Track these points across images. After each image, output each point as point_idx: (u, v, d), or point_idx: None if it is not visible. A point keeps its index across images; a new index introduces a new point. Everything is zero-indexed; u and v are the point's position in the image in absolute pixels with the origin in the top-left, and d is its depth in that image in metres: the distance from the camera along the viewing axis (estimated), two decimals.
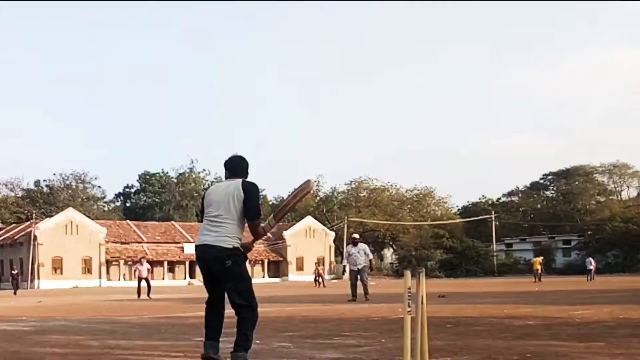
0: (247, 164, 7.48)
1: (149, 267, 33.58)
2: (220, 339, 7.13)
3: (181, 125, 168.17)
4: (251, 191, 7.18)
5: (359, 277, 22.67)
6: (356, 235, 25.88)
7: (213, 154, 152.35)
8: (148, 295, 29.88)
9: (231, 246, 7.00)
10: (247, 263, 7.44)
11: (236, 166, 7.43)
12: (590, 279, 51.22)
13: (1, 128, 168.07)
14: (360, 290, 22.48)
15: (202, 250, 7.14)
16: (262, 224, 7.22)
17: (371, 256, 24.06)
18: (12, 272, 52.86)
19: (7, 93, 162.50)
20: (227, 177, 7.40)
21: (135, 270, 33.70)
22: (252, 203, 7.19)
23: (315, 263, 71.24)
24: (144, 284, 30.94)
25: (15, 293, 45.82)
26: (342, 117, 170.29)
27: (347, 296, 22.49)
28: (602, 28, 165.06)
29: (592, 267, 54.76)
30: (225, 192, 7.18)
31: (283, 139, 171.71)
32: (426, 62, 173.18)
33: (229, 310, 7.09)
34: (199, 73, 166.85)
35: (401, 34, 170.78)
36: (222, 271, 7.00)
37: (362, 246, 23.71)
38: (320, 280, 54.51)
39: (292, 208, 7.82)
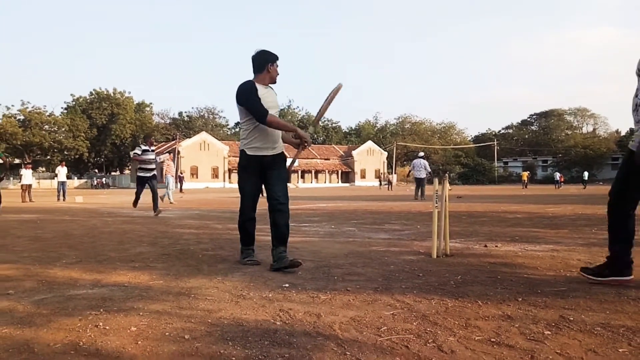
0: (254, 59, 5.02)
1: None
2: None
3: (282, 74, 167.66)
4: (238, 95, 4.85)
5: (420, 184, 21.67)
6: (421, 153, 22.22)
7: (304, 94, 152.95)
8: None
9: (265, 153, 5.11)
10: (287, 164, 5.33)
11: (253, 63, 5.04)
12: (558, 187, 50.63)
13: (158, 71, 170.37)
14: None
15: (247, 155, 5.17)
16: (276, 119, 4.96)
17: (429, 169, 21.67)
18: (180, 174, 51.56)
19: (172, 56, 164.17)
20: None
21: None
22: (247, 106, 4.85)
23: (382, 173, 72.28)
24: None
25: (181, 191, 40.59)
26: (393, 70, 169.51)
27: (394, 197, 21.95)
28: (575, 11, 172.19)
29: (558, 179, 54.31)
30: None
31: (355, 86, 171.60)
32: (451, 32, 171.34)
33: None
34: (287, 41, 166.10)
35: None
36: (262, 172, 5.20)
37: (423, 162, 21.37)
38: (389, 185, 53.09)
39: (326, 109, 5.32)
